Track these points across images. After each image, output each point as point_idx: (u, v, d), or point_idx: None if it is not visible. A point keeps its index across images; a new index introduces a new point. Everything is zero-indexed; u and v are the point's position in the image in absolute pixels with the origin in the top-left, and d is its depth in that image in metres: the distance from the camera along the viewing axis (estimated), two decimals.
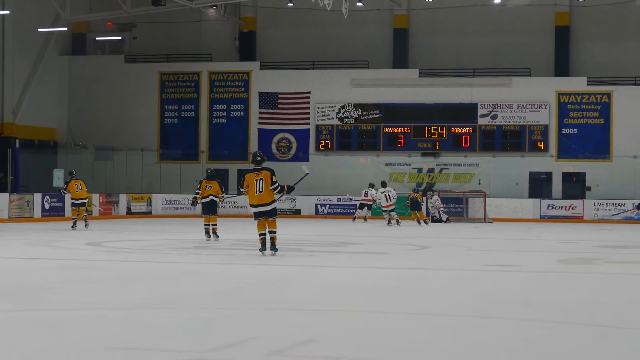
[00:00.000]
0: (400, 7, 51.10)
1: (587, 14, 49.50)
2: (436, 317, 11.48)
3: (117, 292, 13.94)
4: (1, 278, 15.91)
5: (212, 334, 9.93)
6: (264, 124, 51.42)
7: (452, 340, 9.77)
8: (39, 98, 50.03)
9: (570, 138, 48.57)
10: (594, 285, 15.79)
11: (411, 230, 35.16)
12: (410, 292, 14.28)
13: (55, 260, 19.49)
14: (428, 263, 20.29)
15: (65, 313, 11.58)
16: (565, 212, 45.85)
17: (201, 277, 16.39)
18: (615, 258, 21.69)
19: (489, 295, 13.87)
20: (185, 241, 26.18)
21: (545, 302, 12.82)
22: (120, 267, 18.25)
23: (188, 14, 51.06)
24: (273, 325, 10.67)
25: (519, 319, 11.34)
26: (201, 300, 12.90)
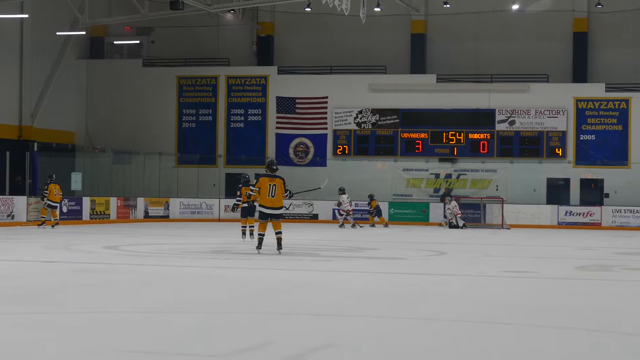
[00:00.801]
0: (417, 12, 51.09)
1: (605, 20, 49.43)
2: (453, 323, 11.45)
3: (134, 295, 13.95)
4: (19, 281, 15.94)
5: (229, 338, 9.93)
6: (281, 129, 51.44)
7: (469, 346, 9.76)
8: (57, 101, 50.15)
9: (588, 144, 48.48)
10: (612, 292, 15.74)
11: (429, 236, 35.12)
12: (428, 297, 14.26)
13: (73, 263, 19.51)
14: (445, 269, 20.25)
15: (82, 316, 11.59)
16: (583, 218, 45.74)
17: (219, 281, 16.39)
18: (634, 265, 21.65)
19: (506, 301, 13.83)
20: (203, 245, 26.19)
21: (562, 309, 12.79)
22: (137, 271, 18.26)
23: (206, 19, 51.16)
24: (291, 330, 10.67)
25: (535, 325, 11.31)
26: (218, 305, 12.90)
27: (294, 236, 32.53)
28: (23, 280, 16.16)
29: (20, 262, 19.85)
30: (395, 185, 49.63)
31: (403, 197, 49.18)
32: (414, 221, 46.67)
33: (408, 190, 49.54)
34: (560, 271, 19.51)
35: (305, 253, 23.99)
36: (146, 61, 53.62)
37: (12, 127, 47.53)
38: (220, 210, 47.83)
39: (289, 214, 47.39)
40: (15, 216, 37.85)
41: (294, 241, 29.12)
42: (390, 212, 47.42)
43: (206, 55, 53.25)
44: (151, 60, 53.65)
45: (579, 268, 20.27)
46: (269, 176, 22.83)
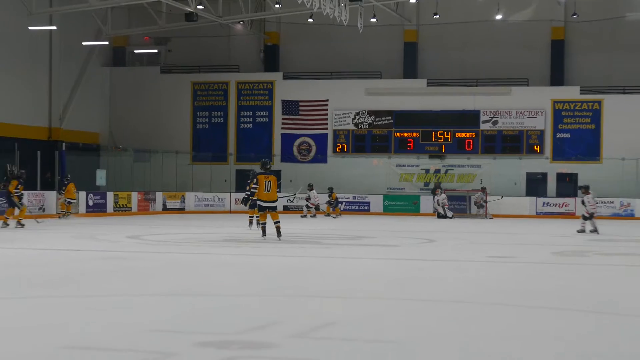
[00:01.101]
0: (410, 23, 51.07)
1: (580, 28, 49.40)
2: (444, 303, 11.48)
3: (154, 280, 13.97)
4: (50, 267, 15.97)
5: (240, 318, 9.95)
6: (286, 129, 51.44)
7: (458, 324, 9.77)
8: (83, 105, 50.16)
9: (564, 142, 48.47)
10: (586, 275, 15.77)
11: (420, 225, 35.13)
12: (420, 281, 14.28)
13: (98, 251, 19.53)
14: (435, 255, 20.28)
15: (106, 299, 11.61)
16: (559, 209, 45.73)
17: (230, 267, 16.41)
18: (605, 250, 21.63)
19: (490, 283, 13.87)
20: (216, 235, 26.19)
21: (541, 290, 12.81)
22: (157, 258, 18.28)
23: (218, 29, 51.14)
24: (296, 311, 10.69)
25: (517, 305, 11.34)
26: (230, 288, 12.92)
27: (297, 226, 32.55)
28: (54, 267, 16.19)
29: (51, 250, 19.88)
30: (389, 180, 49.62)
31: (396, 190, 49.18)
32: (406, 212, 46.67)
33: (401, 184, 49.54)
34: (538, 256, 19.51)
35: (307, 241, 24.01)
36: (164, 68, 53.61)
37: (43, 128, 47.54)
38: (231, 203, 47.82)
39: (293, 206, 47.42)
40: (46, 209, 37.88)
41: (298, 231, 29.14)
42: (385, 204, 47.43)
43: (218, 63, 53.24)
44: (168, 68, 53.63)
45: (555, 253, 20.28)
46: (264, 174, 24.02)
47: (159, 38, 54.00)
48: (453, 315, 10.55)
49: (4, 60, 43.97)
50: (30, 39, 45.26)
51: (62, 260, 17.39)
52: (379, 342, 8.55)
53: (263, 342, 8.35)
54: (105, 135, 52.59)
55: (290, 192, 48.32)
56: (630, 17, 48.74)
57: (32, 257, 18.17)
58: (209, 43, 53.17)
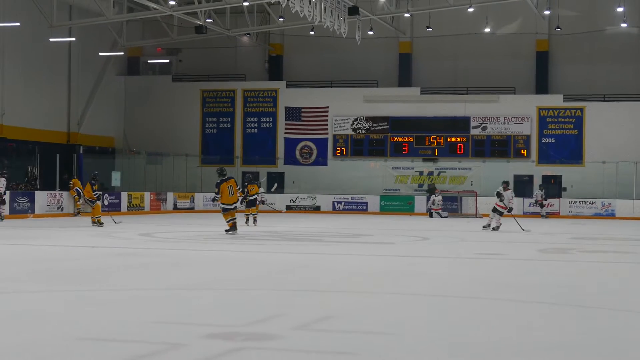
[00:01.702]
0: (404, 35, 51.07)
1: (563, 41, 49.37)
2: (436, 298, 11.45)
3: (165, 275, 13.94)
4: (67, 263, 15.95)
5: (244, 311, 9.93)
6: (289, 134, 51.42)
7: (449, 316, 9.76)
8: (100, 111, 50.19)
9: (548, 146, 48.46)
10: (569, 271, 15.75)
11: (414, 224, 35.11)
12: (413, 276, 14.25)
13: (113, 248, 19.51)
14: (429, 251, 20.24)
15: (120, 293, 11.59)
16: (545, 209, 45.68)
17: (236, 263, 16.39)
18: (587, 248, 21.63)
19: (479, 279, 13.83)
20: (223, 233, 26.17)
21: (527, 285, 12.78)
22: (168, 254, 18.26)
23: (225, 41, 51.15)
24: (297, 304, 10.66)
25: (504, 299, 11.32)
26: (236, 283, 12.89)
27: (299, 225, 32.56)
28: (71, 262, 16.17)
29: (68, 247, 19.85)
30: (386, 181, 49.60)
31: (392, 191, 49.16)
32: (401, 211, 46.63)
33: (396, 186, 49.51)
34: (525, 254, 19.51)
35: (309, 239, 24.00)
36: (175, 77, 53.61)
37: (62, 133, 47.53)
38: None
39: (295, 205, 47.44)
40: (64, 208, 37.84)
41: (300, 229, 29.13)
42: (381, 204, 47.41)
43: (225, 72, 53.23)
44: (179, 76, 53.63)
45: (540, 251, 20.26)
46: (224, 181, 25.23)
47: (171, 49, 54.02)
48: (443, 307, 10.53)
49: (27, 68, 44.02)
50: (50, 49, 45.29)
51: (78, 257, 17.35)
52: (375, 333, 8.53)
53: (267, 333, 8.33)
54: (120, 139, 52.59)
55: (293, 193, 48.35)
56: (609, 30, 48.71)
57: (50, 254, 18.13)
58: (217, 54, 53.17)
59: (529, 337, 8.45)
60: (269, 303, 10.73)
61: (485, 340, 8.30)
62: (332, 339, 8.20)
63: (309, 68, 52.65)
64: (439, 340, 8.23)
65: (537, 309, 10.53)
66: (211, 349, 7.58)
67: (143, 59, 54.68)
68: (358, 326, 8.94)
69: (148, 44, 52.51)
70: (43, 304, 10.47)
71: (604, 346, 8.19)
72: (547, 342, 8.23)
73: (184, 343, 7.83)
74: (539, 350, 7.86)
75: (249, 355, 7.51)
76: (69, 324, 8.87)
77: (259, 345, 7.86)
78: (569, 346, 8.11)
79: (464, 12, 44.78)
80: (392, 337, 8.38)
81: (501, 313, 10.20)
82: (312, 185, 49.88)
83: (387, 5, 44.54)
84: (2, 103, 42.22)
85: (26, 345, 7.74)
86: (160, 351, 7.55)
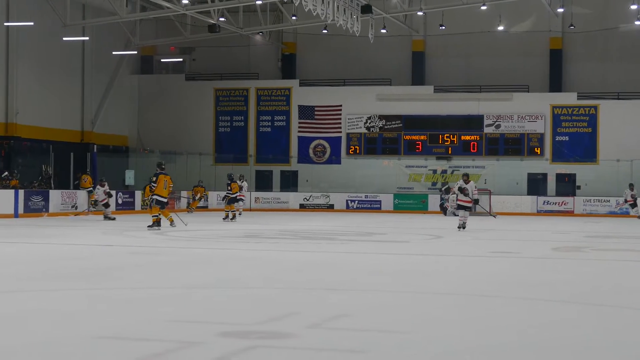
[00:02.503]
0: (417, 33, 51.04)
1: (577, 38, 49.28)
2: (449, 296, 11.45)
3: (178, 273, 13.97)
4: (81, 262, 16.00)
5: (258, 309, 9.95)
6: (302, 132, 51.45)
7: (463, 315, 9.76)
8: (113, 110, 50.30)
9: (562, 144, 48.39)
10: (584, 270, 15.73)
11: (428, 222, 35.08)
12: (427, 274, 14.25)
13: (126, 246, 19.55)
14: (442, 250, 20.24)
15: (133, 291, 11.63)
16: (559, 207, 45.62)
17: (250, 261, 16.41)
18: (602, 246, 21.59)
19: (493, 277, 13.83)
20: (237, 231, 26.21)
21: (541, 284, 12.77)
22: (181, 253, 18.30)
23: (238, 40, 51.16)
24: (312, 303, 10.68)
25: (518, 298, 11.31)
26: (249, 281, 12.91)
27: (312, 223, 32.57)
28: (85, 261, 16.22)
29: (83, 245, 19.90)
30: (399, 180, 49.59)
31: (405, 189, 49.14)
32: (415, 210, 46.59)
33: (410, 184, 49.50)
34: (539, 252, 19.49)
35: (323, 237, 24.01)
36: (188, 76, 53.68)
37: (76, 132, 47.66)
38: (251, 201, 47.82)
39: (309, 204, 47.51)
40: (78, 207, 37.92)
41: (313, 227, 29.14)
42: (395, 202, 47.40)
43: (239, 71, 53.27)
44: (192, 75, 53.69)
45: (554, 249, 20.24)
46: (163, 174, 26.47)
47: (184, 48, 54.10)
48: (457, 306, 10.53)
49: (40, 68, 44.16)
50: (64, 49, 45.41)
51: (92, 255, 17.41)
52: (388, 332, 8.54)
53: (281, 332, 8.35)
54: (134, 138, 52.69)
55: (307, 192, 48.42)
56: (623, 28, 48.58)
57: (65, 252, 18.20)
58: (230, 52, 53.20)
59: (546, 336, 8.44)
60: (283, 301, 10.75)
61: (499, 339, 8.31)
62: (345, 338, 8.22)
63: (322, 66, 52.64)
64: (452, 339, 8.24)
65: (554, 308, 10.52)
66: (226, 347, 7.61)
67: (156, 57, 54.78)
68: (371, 325, 8.95)
69: (161, 42, 52.60)
70: (59, 302, 10.51)
71: (624, 346, 8.18)
72: (564, 342, 8.23)
73: (199, 341, 7.86)
74: (556, 350, 7.86)
75: (263, 354, 7.54)
76: (85, 322, 8.91)
77: (273, 343, 7.89)
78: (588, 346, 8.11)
79: (477, 10, 44.71)
80: (406, 335, 8.40)
81: (516, 312, 10.19)
82: (325, 183, 49.90)
83: (400, 4, 44.53)
84: (16, 102, 42.35)
85: (43, 344, 7.78)
86: (175, 349, 7.59)
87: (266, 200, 48.89)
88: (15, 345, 7.72)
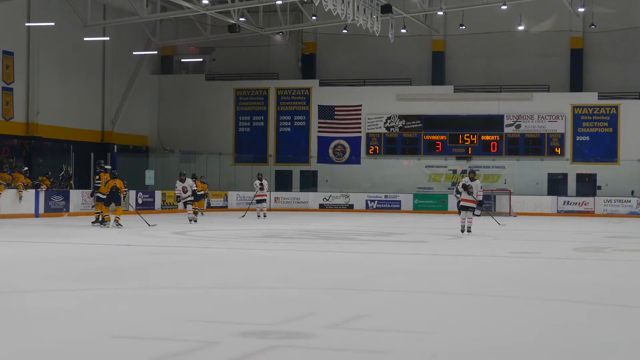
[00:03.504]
0: (438, 33, 50.98)
1: (598, 38, 49.11)
2: (470, 296, 11.42)
3: (198, 273, 13.99)
4: (99, 262, 16.03)
5: (278, 309, 9.94)
6: (322, 132, 51.45)
7: (483, 316, 9.73)
8: (134, 110, 50.42)
9: (583, 144, 48.23)
10: (604, 270, 15.65)
11: (448, 222, 35.00)
12: (446, 274, 14.21)
13: (146, 246, 19.58)
14: (461, 250, 20.17)
15: (154, 291, 11.64)
16: (579, 207, 45.46)
17: (269, 261, 16.41)
18: (623, 247, 21.50)
19: (512, 277, 13.77)
20: (256, 231, 26.23)
21: (561, 284, 12.72)
22: (201, 253, 18.32)
23: (258, 40, 51.20)
24: (331, 303, 10.67)
25: (539, 298, 11.26)
26: (268, 281, 12.91)
27: (332, 223, 32.55)
28: (105, 260, 16.25)
29: (102, 245, 19.93)
30: (419, 180, 49.53)
31: (425, 189, 49.08)
32: (435, 210, 46.51)
33: (429, 184, 49.43)
34: (559, 252, 19.43)
35: (342, 237, 23.99)
36: (208, 76, 53.76)
37: (96, 132, 47.80)
38: (271, 201, 47.84)
39: (328, 204, 47.51)
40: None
41: (333, 227, 29.12)
42: (415, 202, 47.36)
43: (259, 71, 53.32)
44: (212, 75, 53.76)
45: (575, 249, 20.16)
46: (102, 172, 27.96)
47: (204, 48, 54.19)
48: (477, 306, 10.50)
49: (61, 68, 44.31)
50: (85, 49, 45.55)
51: (109, 255, 17.44)
52: (408, 332, 8.52)
53: (300, 332, 8.34)
54: (154, 138, 52.81)
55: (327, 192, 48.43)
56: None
57: (85, 252, 18.24)
58: (250, 52, 53.25)
59: (565, 338, 8.41)
60: (302, 301, 10.74)
61: (518, 340, 8.27)
62: (365, 338, 8.21)
63: (342, 66, 52.63)
64: (471, 340, 8.21)
65: (574, 309, 10.47)
66: (245, 347, 7.61)
67: (176, 57, 54.90)
68: (391, 325, 8.93)
69: (181, 42, 52.70)
70: (78, 302, 10.53)
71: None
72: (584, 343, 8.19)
73: (217, 341, 7.86)
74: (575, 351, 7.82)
75: (282, 354, 7.52)
76: (104, 322, 8.92)
77: (292, 343, 7.88)
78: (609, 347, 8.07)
79: (497, 10, 44.64)
80: (425, 335, 8.37)
81: (535, 312, 10.15)
82: (345, 183, 49.89)
83: (420, 3, 44.46)
84: (37, 102, 42.50)
85: (61, 343, 7.79)
86: (194, 349, 7.59)
87: (286, 200, 48.91)
88: (35, 344, 7.74)
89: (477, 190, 25.51)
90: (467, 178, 25.89)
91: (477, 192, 25.47)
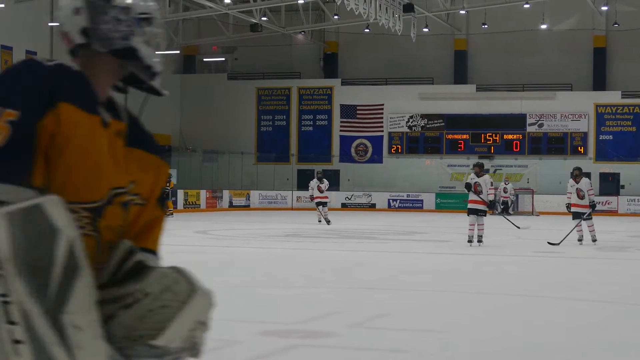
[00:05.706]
0: (460, 32, 50.88)
1: (621, 37, 48.90)
2: (492, 296, 11.39)
3: (220, 272, 14.00)
4: None
5: (300, 309, 9.95)
6: (344, 131, 51.44)
7: (505, 315, 9.71)
8: (156, 109, 50.42)
9: (606, 143, 48.03)
10: (628, 270, 15.58)
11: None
12: (468, 274, 14.19)
13: (169, 245, 19.54)
14: (483, 249, 20.10)
15: None
16: (602, 206, 45.18)
17: (292, 260, 16.42)
18: None
19: (535, 277, 13.74)
20: (279, 230, 26.25)
21: (584, 284, 12.68)
22: (224, 252, 18.34)
23: (280, 39, 51.21)
24: (352, 302, 10.66)
25: (560, 298, 11.23)
26: (291, 280, 12.92)
27: (354, 222, 32.53)
28: None
29: None
30: (441, 179, 49.44)
31: (448, 189, 48.96)
32: (457, 209, 46.30)
33: (452, 183, 49.30)
34: (583, 252, 19.35)
35: (364, 236, 23.98)
36: (230, 75, 53.84)
37: None
38: (293, 201, 47.91)
39: (351, 203, 47.52)
40: None
41: (355, 226, 29.11)
42: (437, 201, 47.29)
43: (281, 70, 53.34)
44: (234, 75, 53.85)
45: (598, 249, 20.08)
46: None
47: (226, 47, 54.26)
48: (499, 306, 10.48)
49: None
50: None
51: None
52: (430, 331, 8.51)
53: (322, 331, 8.33)
54: (176, 137, 52.91)
55: (349, 191, 48.43)
56: None
57: None
58: (272, 52, 53.28)
59: (590, 337, 8.37)
60: (325, 301, 10.74)
61: (539, 340, 8.24)
62: (387, 337, 8.20)
63: (364, 65, 52.59)
64: (493, 339, 8.20)
65: (597, 308, 10.44)
66: (266, 346, 7.61)
67: (199, 57, 55.01)
68: (413, 324, 8.92)
69: (204, 42, 52.78)
70: None
71: None
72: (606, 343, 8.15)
73: (238, 340, 7.87)
74: (597, 351, 7.79)
75: (304, 353, 7.52)
76: None
77: (314, 342, 7.87)
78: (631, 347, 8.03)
79: (519, 9, 44.53)
80: (447, 335, 8.36)
81: (557, 312, 10.11)
82: (367, 182, 49.84)
83: (442, 2, 44.38)
84: None
85: None
86: (215, 348, 7.58)
87: (307, 199, 48.88)
88: None
89: (487, 187, 20.66)
90: (472, 174, 21.17)
91: (487, 190, 20.71)
